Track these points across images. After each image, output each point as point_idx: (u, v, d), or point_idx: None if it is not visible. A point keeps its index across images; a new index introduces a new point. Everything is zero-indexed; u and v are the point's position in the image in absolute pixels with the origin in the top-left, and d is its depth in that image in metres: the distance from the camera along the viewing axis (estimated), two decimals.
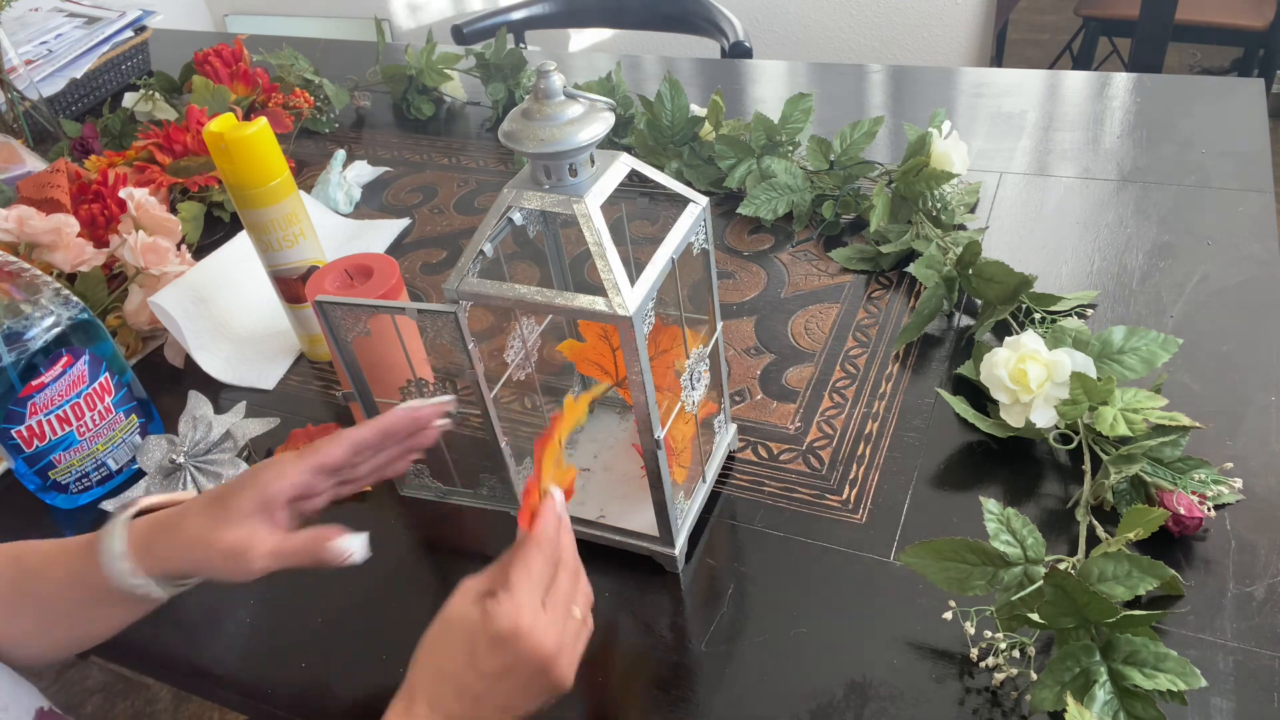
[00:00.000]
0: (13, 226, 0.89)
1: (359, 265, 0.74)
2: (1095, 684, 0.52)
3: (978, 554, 0.59)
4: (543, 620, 0.49)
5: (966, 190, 0.99)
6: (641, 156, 1.09)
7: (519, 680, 0.49)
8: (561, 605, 0.50)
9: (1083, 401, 0.68)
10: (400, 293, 0.73)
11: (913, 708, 0.57)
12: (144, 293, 0.92)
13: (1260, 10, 2.21)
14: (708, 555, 0.68)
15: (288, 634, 0.67)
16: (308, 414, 0.86)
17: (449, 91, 1.37)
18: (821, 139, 1.03)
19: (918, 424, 0.75)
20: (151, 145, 1.14)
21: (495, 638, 0.48)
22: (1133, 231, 0.91)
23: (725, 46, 1.58)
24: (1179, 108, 1.09)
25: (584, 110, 0.52)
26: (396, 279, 0.73)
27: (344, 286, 0.73)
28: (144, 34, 1.55)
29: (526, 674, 0.49)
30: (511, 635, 0.47)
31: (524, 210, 0.56)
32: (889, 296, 0.89)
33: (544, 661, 0.48)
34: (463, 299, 0.56)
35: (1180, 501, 0.62)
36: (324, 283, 0.72)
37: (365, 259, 0.75)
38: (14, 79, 1.25)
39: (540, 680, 0.49)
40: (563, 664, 0.50)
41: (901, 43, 2.27)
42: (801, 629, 0.62)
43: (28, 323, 0.72)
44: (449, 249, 1.07)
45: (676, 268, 0.57)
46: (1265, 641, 0.57)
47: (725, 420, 0.73)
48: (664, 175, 0.59)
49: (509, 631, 0.47)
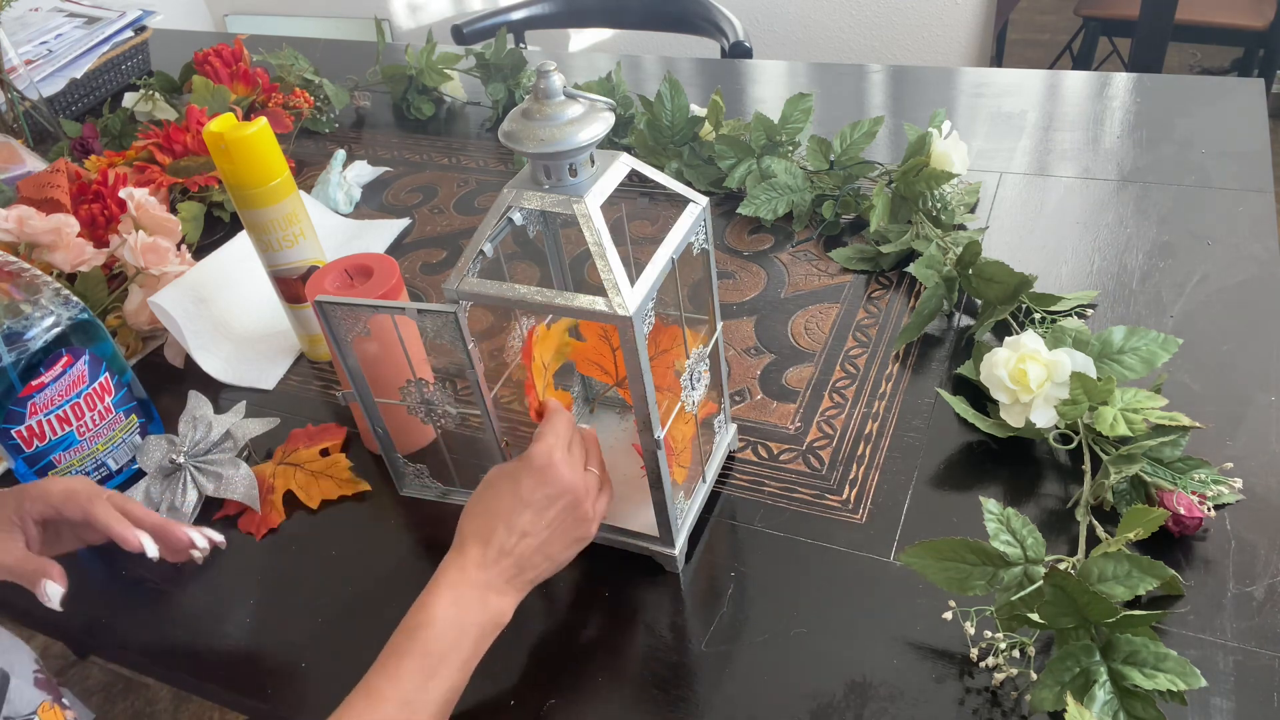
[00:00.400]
0: (13, 226, 0.89)
1: (359, 265, 0.74)
2: (1095, 684, 0.52)
3: (978, 554, 0.59)
4: (572, 459, 0.57)
5: (966, 190, 0.99)
6: (641, 156, 1.09)
7: (557, 515, 0.56)
8: (579, 458, 0.58)
9: (1083, 401, 0.68)
10: (400, 292, 0.72)
11: (913, 708, 0.57)
12: (144, 293, 0.92)
13: (1260, 10, 2.21)
14: (708, 555, 0.68)
15: (288, 634, 0.67)
16: (308, 414, 0.86)
17: (449, 91, 1.37)
18: (821, 139, 1.03)
19: (918, 424, 0.75)
20: (151, 145, 1.14)
21: (536, 470, 0.56)
22: (1133, 231, 0.91)
23: (725, 46, 1.58)
24: (1179, 108, 1.09)
25: (584, 110, 0.52)
26: (396, 279, 0.73)
27: (344, 286, 0.73)
28: (144, 34, 1.55)
29: (563, 506, 0.57)
30: (549, 465, 0.56)
31: (524, 210, 0.56)
32: (889, 296, 0.89)
33: (577, 494, 0.57)
34: (463, 299, 0.56)
35: (1180, 501, 0.62)
36: (324, 283, 0.72)
37: (365, 259, 0.74)
38: (14, 79, 1.25)
39: (574, 516, 0.57)
40: (589, 504, 0.58)
41: (901, 43, 2.27)
42: (801, 629, 0.62)
43: (28, 323, 0.72)
44: (449, 249, 1.07)
45: (676, 268, 0.57)
46: (1265, 641, 0.57)
47: (725, 420, 0.73)
48: (664, 175, 0.59)
49: (545, 462, 0.56)
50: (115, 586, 0.73)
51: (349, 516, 0.76)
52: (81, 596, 0.74)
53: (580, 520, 0.58)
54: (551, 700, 0.61)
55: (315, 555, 0.73)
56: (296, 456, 0.79)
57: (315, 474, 0.78)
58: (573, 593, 0.67)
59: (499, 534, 0.55)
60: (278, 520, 0.76)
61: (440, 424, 0.66)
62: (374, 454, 0.80)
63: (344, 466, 0.78)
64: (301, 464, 0.79)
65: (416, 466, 0.71)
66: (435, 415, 0.65)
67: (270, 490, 0.77)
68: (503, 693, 0.61)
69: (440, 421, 0.65)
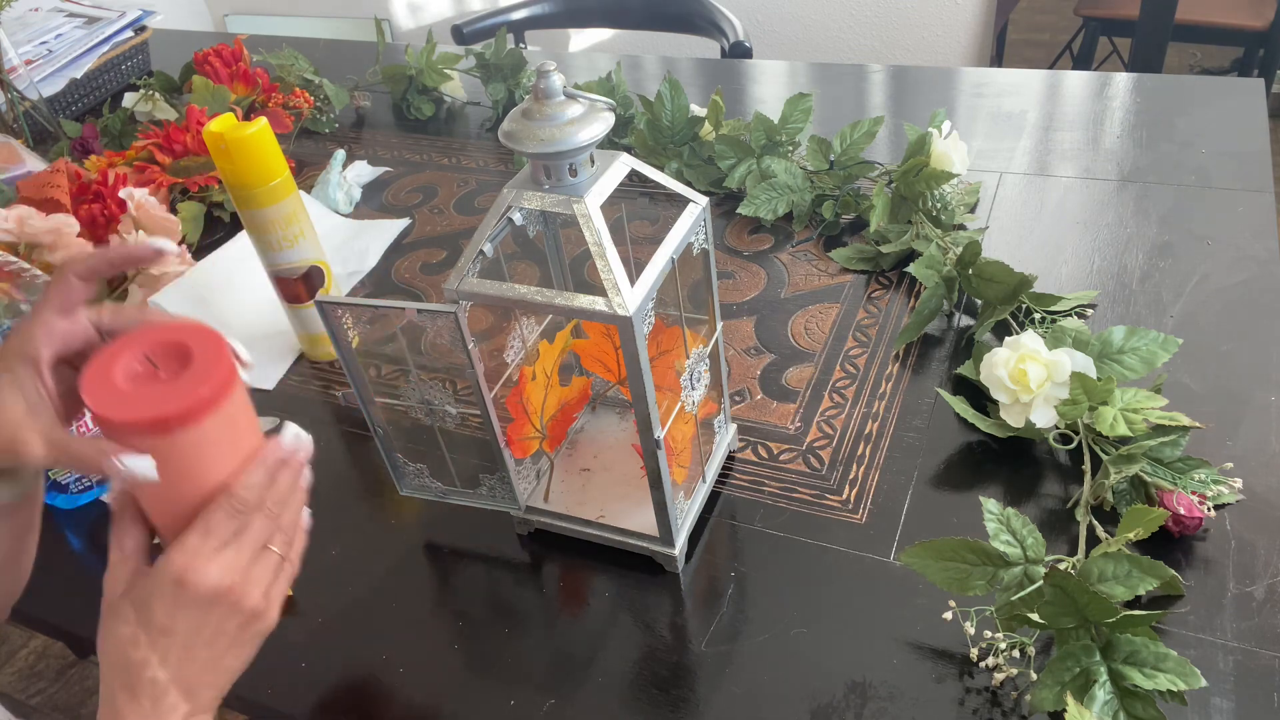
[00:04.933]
0: (13, 226, 0.89)
1: (171, 346, 0.47)
2: (1095, 684, 0.52)
3: (978, 554, 0.59)
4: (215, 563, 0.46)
5: (966, 190, 0.99)
6: (641, 156, 1.09)
7: (216, 627, 0.47)
8: (249, 546, 0.47)
9: (1083, 401, 0.68)
10: (231, 385, 0.46)
11: (913, 708, 0.57)
12: (144, 293, 0.92)
13: (1260, 10, 2.21)
14: (708, 555, 0.68)
15: (288, 634, 0.67)
16: (307, 414, 0.86)
17: (449, 91, 1.37)
18: (821, 139, 1.03)
19: (918, 424, 0.75)
20: (151, 145, 1.14)
21: (167, 591, 0.46)
22: (1133, 231, 0.91)
23: (725, 46, 1.58)
24: (1179, 108, 1.09)
25: (584, 110, 0.52)
26: (226, 367, 0.46)
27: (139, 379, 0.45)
28: (144, 34, 1.55)
29: (221, 615, 0.47)
30: (180, 581, 0.45)
31: (524, 210, 0.56)
32: (889, 296, 0.89)
33: (233, 595, 0.47)
34: (463, 299, 0.56)
35: (1180, 501, 0.62)
36: (112, 370, 0.45)
37: (184, 333, 0.47)
38: (14, 79, 1.25)
39: (242, 618, 0.48)
40: (257, 595, 0.48)
41: (901, 43, 2.27)
42: (801, 629, 0.62)
43: None
44: (449, 249, 1.07)
45: (676, 268, 0.58)
46: (1265, 641, 0.57)
47: (725, 420, 0.73)
48: (664, 175, 0.59)
49: (176, 578, 0.45)
50: None
51: (349, 516, 0.76)
52: (81, 596, 0.74)
53: (252, 616, 0.48)
54: (551, 700, 0.61)
55: (315, 555, 0.73)
56: None
57: None
58: (573, 593, 0.67)
59: (147, 677, 0.45)
60: None
61: (440, 424, 0.66)
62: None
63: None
64: None
65: (416, 466, 0.71)
66: (434, 415, 0.65)
67: None
68: (503, 693, 0.61)
69: (440, 421, 0.66)
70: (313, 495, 0.78)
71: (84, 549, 0.77)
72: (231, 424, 0.46)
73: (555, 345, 0.66)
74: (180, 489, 0.46)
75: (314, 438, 0.52)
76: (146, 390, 0.44)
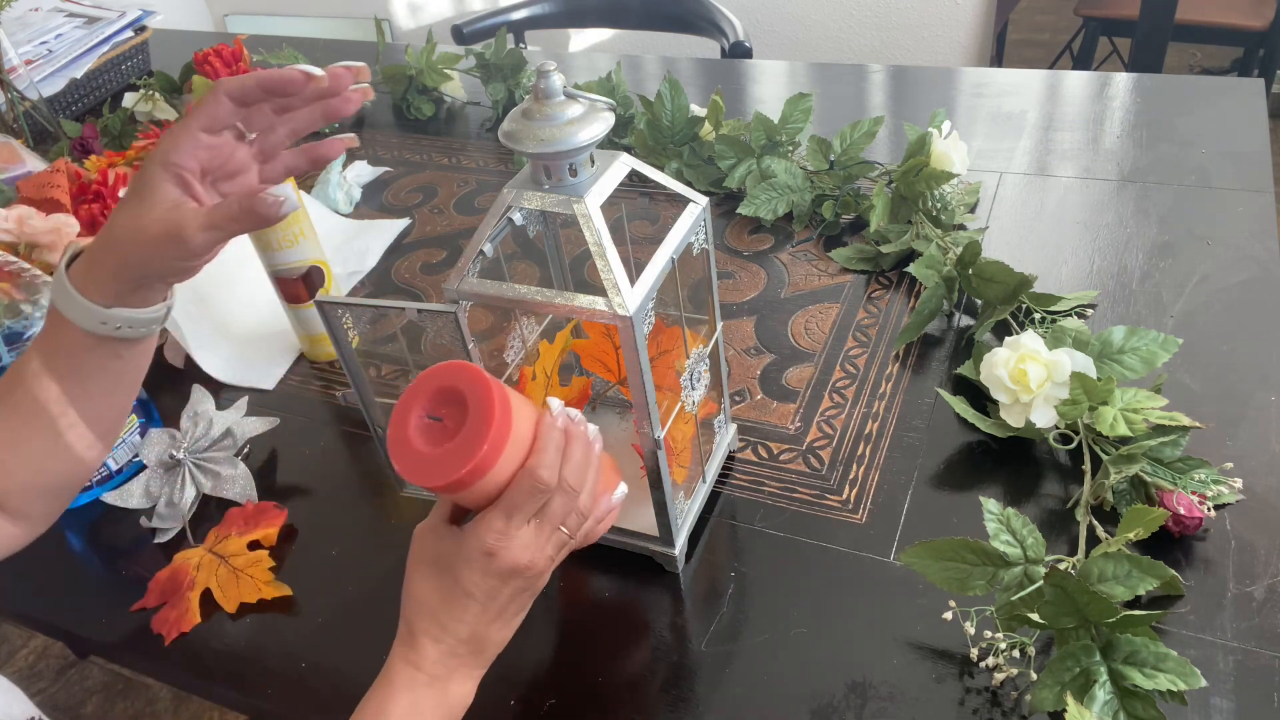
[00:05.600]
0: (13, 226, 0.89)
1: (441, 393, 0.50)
2: (1095, 684, 0.52)
3: (978, 554, 0.59)
4: (518, 540, 0.50)
5: (966, 190, 0.99)
6: (641, 156, 1.09)
7: (509, 595, 0.52)
8: (548, 524, 0.52)
9: (1083, 401, 0.68)
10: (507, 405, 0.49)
11: (913, 708, 0.57)
12: None
13: (1260, 10, 2.21)
14: (708, 555, 0.68)
15: (288, 634, 0.67)
16: (308, 414, 0.86)
17: (449, 91, 1.37)
18: (821, 139, 1.03)
19: (918, 424, 0.75)
20: (151, 145, 1.14)
21: (477, 563, 0.50)
22: (1133, 231, 0.91)
23: (725, 46, 1.58)
24: (1179, 108, 1.09)
25: (584, 110, 0.52)
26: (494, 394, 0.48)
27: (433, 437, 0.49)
28: (144, 34, 1.55)
29: (515, 588, 0.52)
30: (490, 554, 0.50)
31: (524, 210, 0.56)
32: (889, 296, 0.89)
33: (529, 574, 0.51)
34: (463, 299, 0.56)
35: (1180, 501, 0.62)
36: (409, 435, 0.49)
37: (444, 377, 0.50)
38: (14, 79, 1.25)
39: (530, 591, 0.53)
40: (544, 572, 0.53)
41: (901, 43, 2.27)
42: (801, 629, 0.62)
43: (28, 323, 0.72)
44: (449, 249, 1.07)
45: (676, 268, 0.58)
46: (1265, 641, 0.57)
47: (725, 420, 0.73)
48: (664, 175, 0.59)
49: (484, 551, 0.50)
50: (114, 587, 0.73)
51: (349, 516, 0.76)
52: (81, 597, 0.74)
53: (536, 589, 0.54)
54: (551, 700, 0.61)
55: (315, 555, 0.73)
56: (225, 546, 0.73)
57: (238, 571, 0.71)
58: (573, 593, 0.67)
59: (450, 628, 0.51)
60: (190, 624, 0.68)
61: None
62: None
63: (265, 567, 0.71)
64: (227, 556, 0.72)
65: None
66: None
67: (190, 586, 0.71)
68: (503, 693, 0.61)
69: None
70: (312, 494, 0.79)
71: (84, 549, 0.77)
72: (518, 434, 0.50)
73: (555, 345, 0.66)
74: (485, 491, 0.50)
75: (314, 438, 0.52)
76: (442, 449, 0.48)
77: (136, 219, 0.51)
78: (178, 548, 0.74)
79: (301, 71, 0.53)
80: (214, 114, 0.52)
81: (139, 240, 0.51)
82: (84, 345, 0.54)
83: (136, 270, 0.52)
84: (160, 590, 0.71)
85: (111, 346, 0.55)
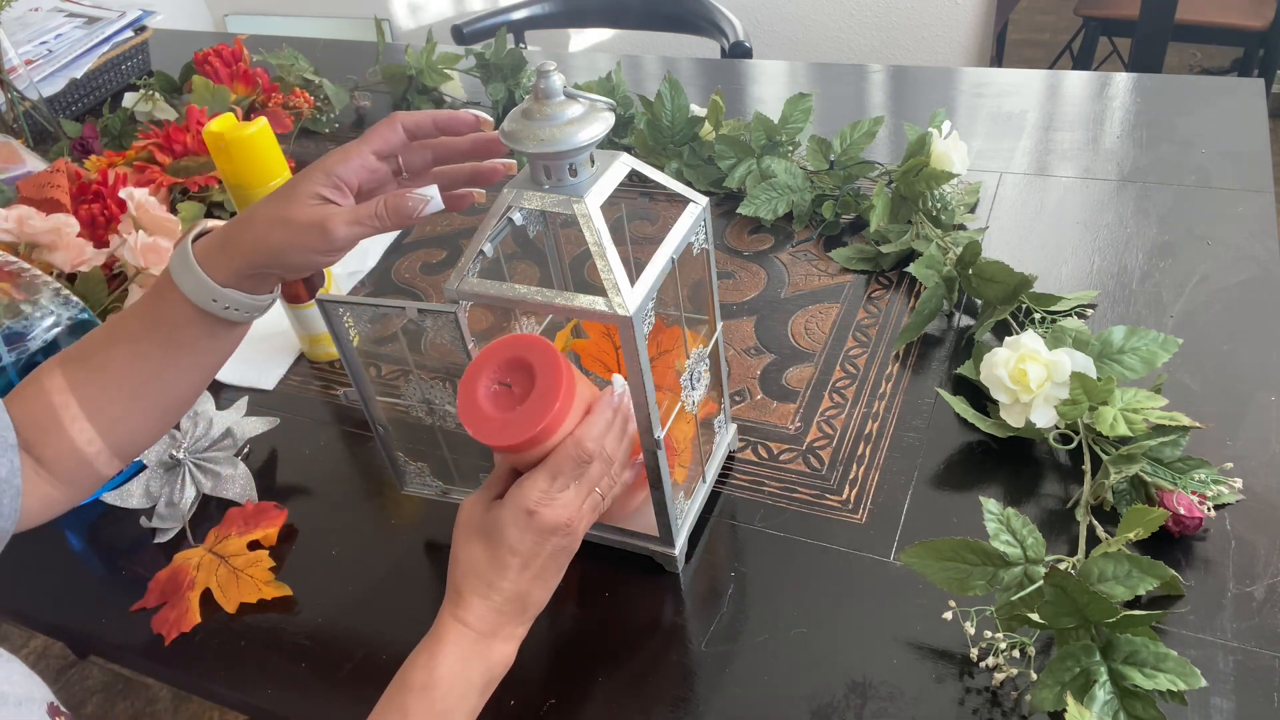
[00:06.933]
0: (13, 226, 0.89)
1: (511, 362, 0.55)
2: (1095, 684, 0.52)
3: (978, 554, 0.59)
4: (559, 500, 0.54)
5: (966, 190, 0.99)
6: (641, 156, 1.09)
7: (550, 553, 0.54)
8: (586, 488, 0.55)
9: (1083, 401, 0.68)
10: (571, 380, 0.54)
11: (913, 708, 0.57)
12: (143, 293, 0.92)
13: (1260, 10, 2.21)
14: (708, 555, 0.68)
15: (288, 634, 0.68)
16: (308, 414, 0.86)
17: (449, 91, 1.37)
18: (821, 139, 1.03)
19: (918, 424, 0.75)
20: (151, 145, 1.14)
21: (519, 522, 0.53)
22: (1133, 231, 0.91)
23: (725, 46, 1.58)
24: (1179, 108, 1.09)
25: (584, 110, 0.52)
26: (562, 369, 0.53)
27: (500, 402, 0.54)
28: (144, 34, 1.55)
29: (555, 545, 0.54)
30: (531, 514, 0.53)
31: (524, 210, 0.56)
32: (889, 296, 0.89)
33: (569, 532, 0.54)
34: (463, 299, 0.56)
35: (1180, 501, 0.62)
36: (478, 399, 0.54)
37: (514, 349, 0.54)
38: (14, 79, 1.25)
39: (568, 549, 0.55)
40: (581, 531, 0.55)
41: (901, 43, 2.27)
42: (801, 629, 0.62)
43: (28, 323, 0.72)
44: (449, 249, 1.07)
45: (676, 268, 0.58)
46: (1265, 641, 0.57)
47: (725, 420, 0.73)
48: (664, 175, 0.59)
49: (526, 511, 0.53)
50: (114, 587, 0.73)
51: (350, 516, 0.76)
52: (81, 596, 0.74)
53: (572, 549, 0.56)
54: (551, 700, 0.61)
55: (315, 555, 0.73)
56: (225, 546, 0.73)
57: (238, 571, 0.71)
58: (573, 593, 0.67)
59: (496, 585, 0.54)
60: (190, 624, 0.68)
61: (440, 424, 0.66)
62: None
63: (265, 567, 0.71)
64: (227, 556, 0.73)
65: (417, 465, 0.71)
66: (435, 415, 0.65)
67: (190, 586, 0.71)
68: (503, 693, 0.61)
69: (441, 421, 0.66)
70: (312, 494, 0.79)
71: (84, 549, 0.77)
72: (576, 403, 0.54)
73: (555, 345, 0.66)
74: (546, 452, 0.54)
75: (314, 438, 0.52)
76: (511, 413, 0.53)
77: (284, 208, 0.54)
78: (178, 548, 0.75)
79: (474, 115, 0.59)
80: (388, 139, 0.58)
81: (286, 226, 0.54)
82: (188, 319, 0.56)
83: (270, 256, 0.55)
84: (160, 590, 0.71)
85: (211, 326, 0.57)
